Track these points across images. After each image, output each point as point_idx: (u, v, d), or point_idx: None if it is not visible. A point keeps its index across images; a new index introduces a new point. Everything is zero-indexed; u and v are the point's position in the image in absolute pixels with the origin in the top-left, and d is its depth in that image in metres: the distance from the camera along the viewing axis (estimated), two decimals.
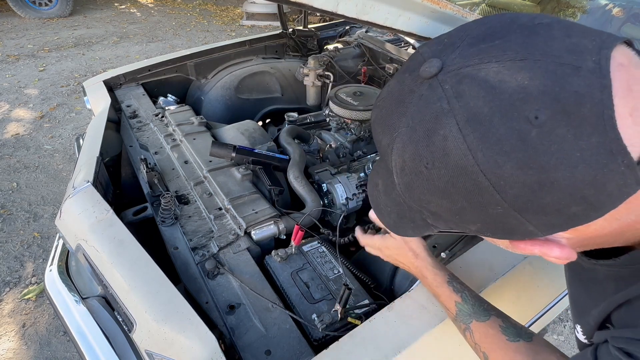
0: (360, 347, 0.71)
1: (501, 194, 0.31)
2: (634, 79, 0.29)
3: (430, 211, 0.38)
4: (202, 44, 5.28)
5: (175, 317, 0.75)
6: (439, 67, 0.33)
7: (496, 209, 0.32)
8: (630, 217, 0.33)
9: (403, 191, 0.38)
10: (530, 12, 0.36)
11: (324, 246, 1.01)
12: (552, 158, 0.28)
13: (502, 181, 0.30)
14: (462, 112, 0.31)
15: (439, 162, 0.32)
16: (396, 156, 0.36)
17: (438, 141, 0.32)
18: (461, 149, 0.31)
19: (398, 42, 1.93)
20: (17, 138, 3.10)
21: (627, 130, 0.28)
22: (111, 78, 1.72)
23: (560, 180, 0.29)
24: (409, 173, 0.36)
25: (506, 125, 0.29)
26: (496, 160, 0.30)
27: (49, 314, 1.83)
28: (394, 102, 0.37)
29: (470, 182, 0.31)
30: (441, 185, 0.33)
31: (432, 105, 0.32)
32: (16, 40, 5.05)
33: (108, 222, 0.95)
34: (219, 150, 1.20)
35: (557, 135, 0.28)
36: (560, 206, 0.30)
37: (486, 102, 0.30)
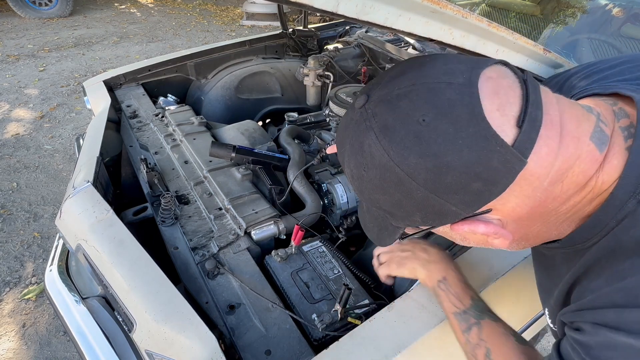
0: (360, 347, 0.71)
1: (415, 180, 0.40)
2: (499, 86, 0.40)
3: (385, 211, 0.47)
4: (202, 44, 5.28)
5: (175, 317, 0.75)
6: (366, 99, 0.44)
7: (418, 193, 0.41)
8: (537, 194, 0.41)
9: (358, 195, 0.49)
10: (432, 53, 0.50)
11: (324, 246, 1.01)
12: (441, 146, 0.38)
13: (411, 169, 0.39)
14: (377, 125, 0.41)
15: (370, 164, 0.42)
16: (347, 168, 0.47)
17: (366, 149, 0.42)
18: (379, 150, 0.41)
19: (398, 42, 1.93)
20: (17, 138, 3.10)
21: (496, 120, 0.38)
22: (111, 78, 1.72)
23: (452, 162, 0.38)
24: (356, 178, 0.45)
25: (405, 128, 0.39)
26: (402, 154, 0.39)
27: (49, 314, 1.83)
28: (342, 129, 0.48)
29: (393, 175, 0.41)
30: (377, 182, 0.43)
31: (361, 125, 0.43)
32: (16, 40, 5.05)
33: (108, 222, 0.95)
34: (218, 150, 1.20)
35: (441, 130, 0.38)
36: (462, 184, 0.39)
37: (390, 115, 0.41)
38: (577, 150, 0.41)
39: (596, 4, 1.89)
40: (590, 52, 1.67)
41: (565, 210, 0.44)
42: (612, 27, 1.76)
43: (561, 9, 1.99)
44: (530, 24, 1.95)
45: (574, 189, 0.42)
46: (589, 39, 1.73)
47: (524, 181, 0.40)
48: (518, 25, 1.97)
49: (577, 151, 0.41)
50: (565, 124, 0.41)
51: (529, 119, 0.38)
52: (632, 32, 1.68)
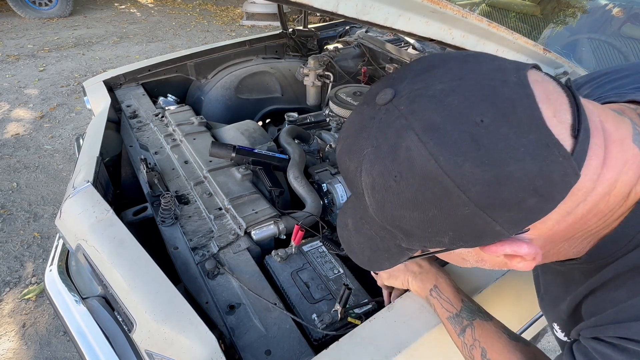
0: (360, 347, 0.71)
1: (466, 193, 0.34)
2: (548, 90, 0.35)
3: (403, 230, 0.40)
4: (202, 44, 5.28)
5: (175, 317, 0.75)
6: (392, 93, 0.37)
7: (464, 210, 0.35)
8: (578, 210, 0.37)
9: (376, 211, 0.40)
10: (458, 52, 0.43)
11: (324, 246, 1.01)
12: (502, 153, 0.32)
13: (464, 180, 0.33)
14: (419, 124, 0.34)
15: (406, 172, 0.35)
16: (365, 176, 0.38)
17: (402, 153, 0.35)
18: (424, 155, 0.34)
19: (398, 42, 1.93)
20: (17, 138, 3.10)
21: (555, 127, 0.33)
22: (111, 78, 1.72)
23: (513, 172, 0.33)
24: (379, 190, 0.38)
25: (459, 130, 0.33)
26: (456, 161, 0.33)
27: (49, 314, 1.83)
28: (356, 131, 0.40)
29: (437, 185, 0.34)
30: (411, 195, 0.36)
31: (392, 124, 0.36)
32: (16, 40, 5.05)
33: (108, 222, 0.95)
34: (218, 151, 1.20)
35: (502, 134, 0.33)
36: (519, 199, 0.34)
37: (438, 112, 0.34)
38: (624, 154, 0.37)
39: (596, 4, 1.89)
40: (590, 52, 1.67)
41: (594, 226, 0.40)
42: (612, 27, 1.76)
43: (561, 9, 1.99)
44: (530, 24, 1.96)
45: (619, 202, 0.38)
46: (589, 39, 1.73)
47: (571, 196, 0.35)
48: (518, 25, 1.97)
49: (624, 155, 0.37)
50: (606, 128, 0.37)
51: (584, 127, 0.34)
52: (632, 32, 1.68)
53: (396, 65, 1.80)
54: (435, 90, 0.35)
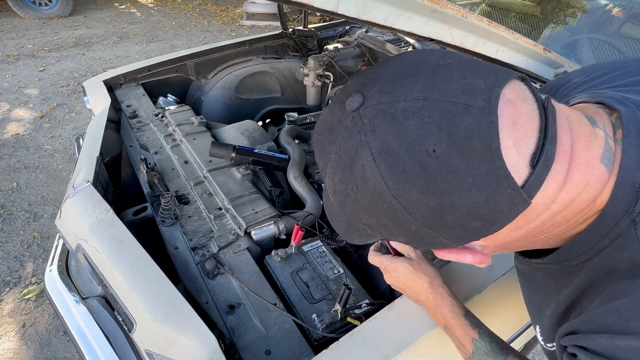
0: (360, 347, 0.71)
1: (412, 215, 0.35)
2: (519, 114, 0.34)
3: (365, 224, 0.42)
4: (202, 44, 5.28)
5: (175, 317, 0.75)
6: (360, 102, 0.37)
7: (411, 226, 0.37)
8: (530, 226, 0.38)
9: (338, 208, 0.43)
10: (440, 51, 0.38)
11: (324, 246, 1.01)
12: (449, 184, 0.33)
13: (410, 204, 0.35)
14: (376, 145, 0.35)
15: (361, 186, 0.37)
16: (329, 179, 0.40)
17: (358, 169, 0.36)
18: (376, 176, 0.35)
19: (398, 42, 1.93)
20: (17, 138, 3.10)
21: (512, 158, 0.33)
22: (111, 78, 1.72)
23: (457, 202, 0.34)
24: (339, 194, 0.40)
25: (410, 157, 0.34)
26: (404, 187, 0.34)
27: (49, 314, 1.83)
28: (326, 130, 0.41)
29: (386, 204, 0.36)
30: (365, 205, 0.38)
31: (354, 137, 0.37)
32: (16, 40, 5.04)
33: (108, 222, 0.95)
34: (218, 151, 1.20)
35: (452, 165, 0.33)
36: (462, 222, 0.35)
37: (394, 136, 0.34)
38: (586, 177, 0.37)
39: (596, 4, 1.89)
40: (590, 52, 1.67)
41: (558, 231, 0.41)
42: (612, 27, 1.76)
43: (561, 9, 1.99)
44: (530, 24, 1.96)
45: (576, 214, 0.39)
46: (589, 39, 1.73)
47: (521, 217, 0.36)
48: (518, 25, 1.97)
49: (586, 178, 0.37)
50: (575, 149, 0.37)
51: (544, 157, 0.34)
52: (632, 32, 1.68)
53: None
54: (397, 109, 0.35)
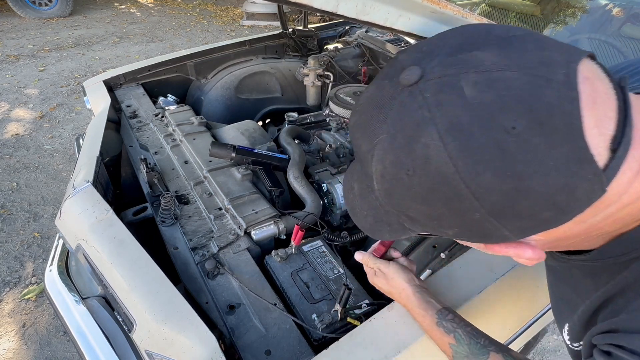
0: (360, 347, 0.71)
1: (480, 201, 0.32)
2: (597, 92, 0.31)
3: (408, 216, 0.38)
4: (202, 44, 5.28)
5: (175, 317, 0.75)
6: (419, 75, 0.33)
7: (474, 215, 0.33)
8: (596, 219, 0.35)
9: (382, 197, 0.39)
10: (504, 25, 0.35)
11: (324, 246, 1.01)
12: (528, 166, 0.30)
13: (481, 189, 0.31)
14: (443, 121, 0.31)
15: (420, 169, 0.33)
16: (377, 163, 0.36)
17: (419, 149, 0.32)
18: (442, 157, 0.31)
19: (398, 42, 1.93)
20: (17, 138, 3.10)
21: (594, 140, 0.30)
22: (111, 78, 1.72)
23: (535, 187, 0.30)
24: (389, 179, 0.36)
25: (485, 135, 0.30)
26: (476, 169, 0.30)
27: (49, 314, 1.83)
28: (374, 108, 0.37)
29: (451, 189, 0.32)
30: (421, 192, 0.34)
31: (413, 113, 0.33)
32: (16, 40, 5.04)
33: (108, 222, 0.95)
34: (218, 151, 1.20)
35: (532, 145, 0.29)
36: (534, 212, 0.32)
37: (466, 111, 0.30)
38: None
39: (596, 4, 1.89)
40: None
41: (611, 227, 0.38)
42: (612, 27, 1.76)
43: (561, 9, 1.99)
44: (530, 24, 1.96)
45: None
46: (589, 39, 1.73)
47: (591, 208, 0.33)
48: (518, 25, 1.97)
49: None
50: None
51: (625, 141, 0.31)
52: (632, 32, 1.68)
53: None
54: (468, 81, 0.31)
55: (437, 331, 0.66)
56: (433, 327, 0.66)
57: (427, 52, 0.35)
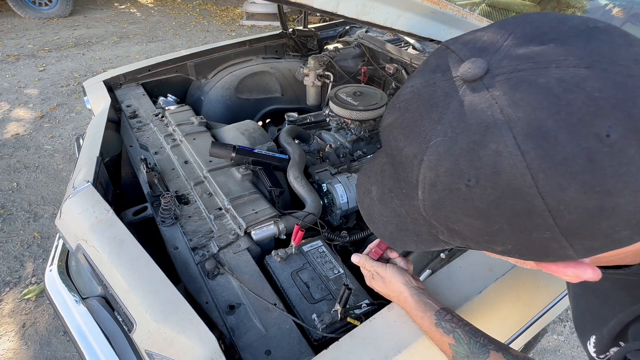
0: (360, 347, 0.71)
1: (556, 219, 0.27)
2: None
3: (450, 229, 0.34)
4: (202, 44, 5.28)
5: (175, 317, 0.75)
6: (484, 68, 0.29)
7: (543, 234, 0.29)
8: None
9: (427, 208, 0.34)
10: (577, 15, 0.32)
11: (324, 246, 1.01)
12: (619, 181, 0.26)
13: (561, 206, 0.27)
14: (521, 125, 0.26)
15: (485, 180, 0.28)
16: (427, 169, 0.32)
17: (487, 156, 0.28)
18: (518, 167, 0.27)
19: (398, 42, 1.93)
20: (17, 138, 3.10)
21: None
22: (111, 78, 1.72)
23: (621, 205, 0.26)
24: (441, 189, 0.31)
25: (574, 143, 0.25)
26: (559, 183, 0.26)
27: (49, 314, 1.83)
28: (423, 106, 0.32)
29: (522, 205, 0.28)
30: (481, 206, 0.30)
31: (480, 114, 0.28)
32: (16, 40, 5.05)
33: (108, 222, 0.95)
34: (218, 151, 1.20)
35: (627, 156, 0.25)
36: (612, 231, 0.28)
37: (551, 114, 0.26)
38: None
39: (596, 4, 1.89)
40: None
41: None
42: None
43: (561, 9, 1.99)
44: None
45: None
46: None
47: None
48: None
49: None
50: None
51: None
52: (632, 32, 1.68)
53: (396, 65, 1.80)
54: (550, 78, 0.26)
55: (436, 332, 0.65)
56: (432, 328, 0.66)
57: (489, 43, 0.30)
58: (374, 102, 1.39)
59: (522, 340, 0.96)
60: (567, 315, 1.91)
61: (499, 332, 0.85)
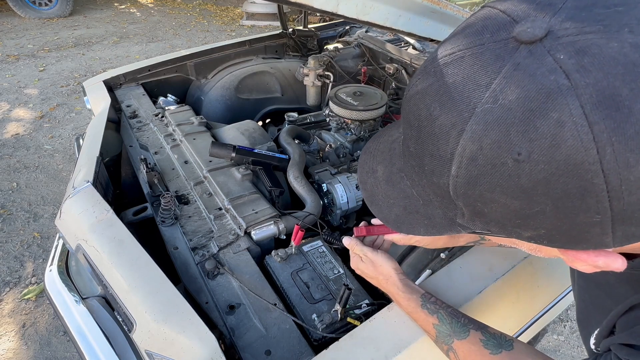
0: (360, 347, 0.71)
1: (613, 201, 0.25)
2: None
3: (477, 211, 0.31)
4: (202, 44, 5.28)
5: (175, 317, 0.75)
6: (546, 29, 0.26)
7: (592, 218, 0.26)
8: None
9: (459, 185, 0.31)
10: None
11: (324, 246, 1.01)
12: None
13: (624, 185, 0.24)
14: (591, 92, 0.23)
15: (539, 154, 0.25)
16: (469, 141, 0.28)
17: (546, 126, 0.25)
18: (583, 140, 0.24)
19: (398, 42, 1.93)
20: (17, 138, 3.10)
21: None
22: (111, 78, 1.72)
23: None
24: (483, 164, 0.28)
25: None
26: (627, 159, 0.23)
27: (49, 314, 1.83)
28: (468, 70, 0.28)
29: (578, 183, 0.25)
30: (528, 184, 0.27)
31: (541, 79, 0.25)
32: (16, 40, 5.05)
33: (108, 222, 0.95)
34: (218, 151, 1.20)
35: None
36: None
37: (626, 82, 0.23)
38: None
39: None
40: None
41: None
42: None
43: None
44: None
45: None
46: None
47: None
48: None
49: None
50: None
51: None
52: None
53: (396, 65, 1.80)
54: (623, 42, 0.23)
55: (421, 312, 0.69)
56: (417, 309, 0.69)
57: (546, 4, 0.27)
58: (374, 102, 1.39)
59: (522, 340, 0.96)
60: (567, 315, 1.91)
61: None
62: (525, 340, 1.01)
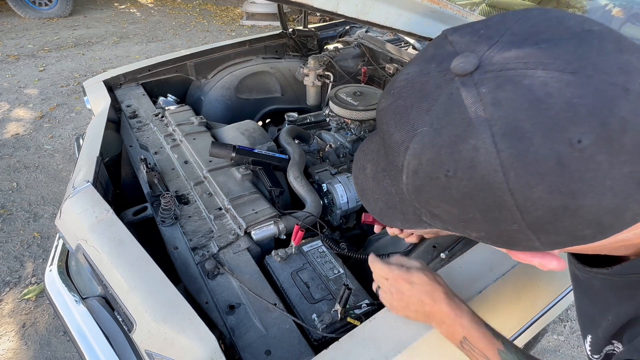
0: (360, 347, 0.71)
1: (522, 214, 0.29)
2: None
3: (431, 213, 0.36)
4: (202, 44, 5.28)
5: (175, 317, 0.75)
6: (475, 64, 0.30)
7: (511, 226, 0.31)
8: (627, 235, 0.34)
9: (409, 192, 0.36)
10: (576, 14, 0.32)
11: (324, 246, 1.01)
12: (585, 185, 0.27)
13: (527, 203, 0.29)
14: (500, 124, 0.28)
15: (462, 173, 0.30)
16: (411, 157, 0.33)
17: (465, 151, 0.29)
18: (492, 164, 0.28)
19: (398, 42, 1.93)
20: (17, 138, 3.10)
21: None
22: (111, 78, 1.72)
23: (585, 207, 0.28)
24: (422, 177, 0.33)
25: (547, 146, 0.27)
26: (528, 182, 0.28)
27: (49, 314, 1.83)
28: (415, 95, 0.33)
29: (493, 198, 0.30)
30: (457, 195, 0.31)
31: (464, 110, 0.29)
32: (16, 40, 5.05)
33: (108, 222, 0.95)
34: (218, 151, 1.20)
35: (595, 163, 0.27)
36: (575, 229, 0.30)
37: (529, 116, 0.27)
38: None
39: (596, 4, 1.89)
40: None
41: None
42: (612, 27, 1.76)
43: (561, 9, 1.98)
44: None
45: None
46: None
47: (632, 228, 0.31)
48: None
49: None
50: None
51: None
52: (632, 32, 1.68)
53: (396, 65, 1.80)
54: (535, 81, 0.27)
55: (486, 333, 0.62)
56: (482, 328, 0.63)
57: (486, 37, 0.31)
58: (374, 102, 1.39)
59: (522, 340, 0.96)
60: (567, 315, 1.91)
61: (499, 331, 0.85)
62: (526, 340, 1.01)
